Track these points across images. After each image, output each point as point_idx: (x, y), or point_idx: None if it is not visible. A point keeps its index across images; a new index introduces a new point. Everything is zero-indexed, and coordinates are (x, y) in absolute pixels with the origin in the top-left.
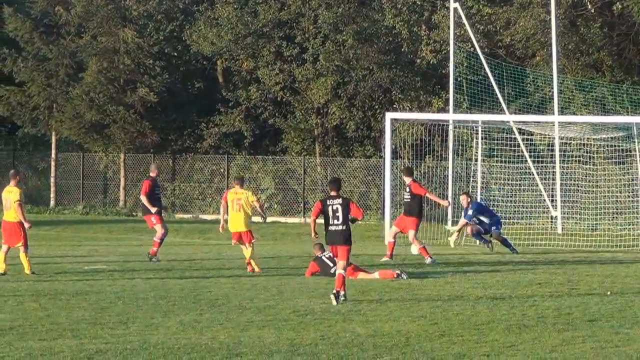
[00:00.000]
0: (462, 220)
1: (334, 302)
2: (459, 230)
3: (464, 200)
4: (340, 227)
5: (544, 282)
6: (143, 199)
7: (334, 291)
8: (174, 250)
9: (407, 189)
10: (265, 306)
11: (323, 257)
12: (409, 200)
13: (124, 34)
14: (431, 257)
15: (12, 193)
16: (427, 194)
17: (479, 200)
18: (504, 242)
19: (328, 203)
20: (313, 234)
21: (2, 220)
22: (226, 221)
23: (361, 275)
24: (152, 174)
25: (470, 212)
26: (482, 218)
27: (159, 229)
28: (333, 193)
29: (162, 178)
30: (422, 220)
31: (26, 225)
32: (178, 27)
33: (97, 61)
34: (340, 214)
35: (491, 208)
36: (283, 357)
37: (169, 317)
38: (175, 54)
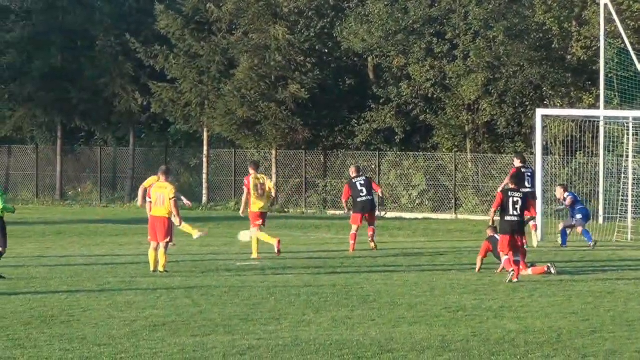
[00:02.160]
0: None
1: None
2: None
3: (559, 192)
4: (517, 219)
5: None
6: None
7: (516, 280)
8: (326, 246)
9: None
10: (416, 302)
11: (495, 236)
12: None
13: (275, 30)
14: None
15: (165, 189)
16: None
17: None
18: (563, 234)
19: (509, 194)
20: (491, 222)
21: (151, 216)
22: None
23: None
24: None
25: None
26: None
27: None
28: (514, 187)
29: (314, 174)
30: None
31: (177, 222)
32: (329, 24)
33: (248, 58)
34: (519, 205)
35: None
36: (434, 353)
37: (321, 313)
38: (326, 50)
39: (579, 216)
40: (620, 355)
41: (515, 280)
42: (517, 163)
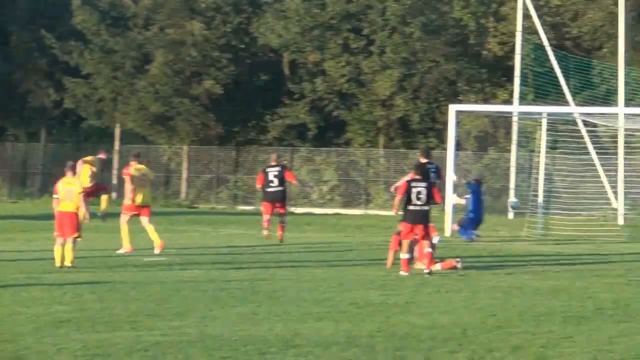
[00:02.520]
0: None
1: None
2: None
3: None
4: (423, 208)
5: (602, 273)
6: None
7: (427, 271)
8: (235, 241)
9: None
10: (323, 298)
11: None
12: None
13: (191, 26)
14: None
15: (73, 185)
16: None
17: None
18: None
19: (413, 185)
20: (395, 211)
21: (58, 212)
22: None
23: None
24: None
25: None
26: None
27: None
28: (417, 177)
29: (225, 170)
30: None
31: (87, 218)
32: (246, 19)
33: (163, 53)
34: (423, 195)
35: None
36: (340, 349)
37: (227, 309)
38: (242, 46)
39: (471, 215)
40: (525, 350)
41: (427, 271)
42: (421, 159)
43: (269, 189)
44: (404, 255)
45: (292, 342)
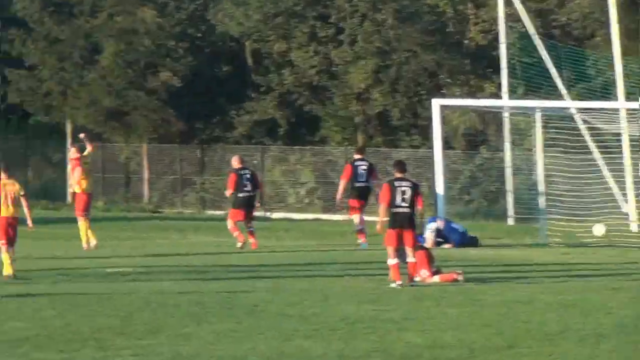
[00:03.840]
0: None
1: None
2: None
3: None
4: (407, 210)
5: (619, 287)
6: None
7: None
8: (207, 250)
9: None
10: (310, 313)
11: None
12: None
13: (142, 13)
14: None
15: (13, 185)
16: None
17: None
18: None
19: (396, 185)
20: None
21: (3, 217)
22: None
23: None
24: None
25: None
26: None
27: None
28: (399, 175)
29: (190, 171)
30: None
31: (30, 224)
32: (201, 6)
33: (114, 43)
34: (408, 196)
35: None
36: None
37: (203, 325)
38: (200, 34)
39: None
40: None
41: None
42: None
43: (242, 194)
44: (392, 262)
45: None
